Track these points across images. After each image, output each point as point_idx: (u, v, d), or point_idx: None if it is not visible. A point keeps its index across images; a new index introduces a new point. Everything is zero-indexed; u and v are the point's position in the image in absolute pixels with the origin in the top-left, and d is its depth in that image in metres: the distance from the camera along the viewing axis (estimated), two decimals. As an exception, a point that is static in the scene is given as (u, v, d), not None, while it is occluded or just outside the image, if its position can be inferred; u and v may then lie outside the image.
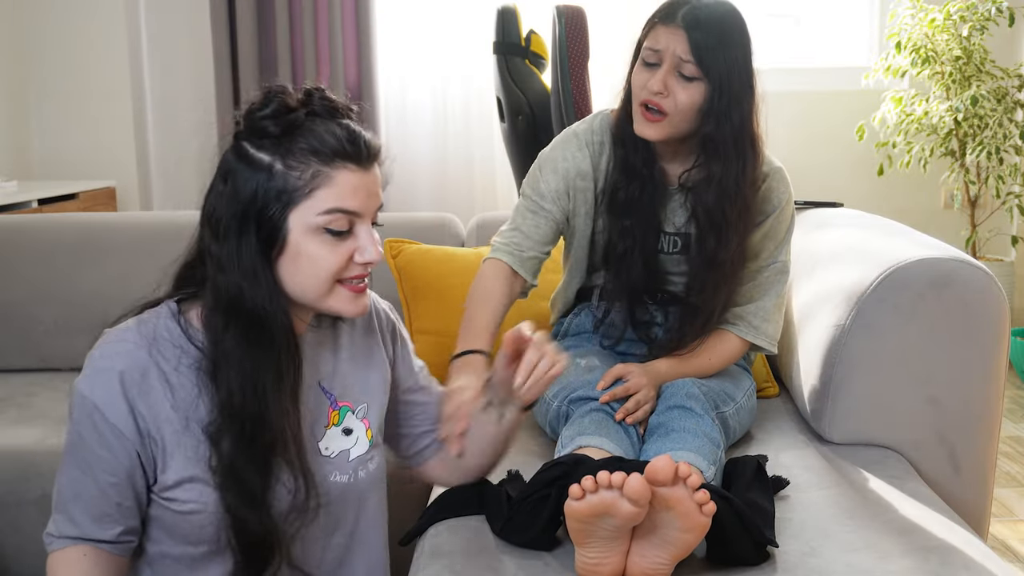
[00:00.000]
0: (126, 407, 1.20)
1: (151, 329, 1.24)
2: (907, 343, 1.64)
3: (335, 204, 1.19)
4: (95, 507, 1.22)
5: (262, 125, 1.20)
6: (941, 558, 1.27)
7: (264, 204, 1.18)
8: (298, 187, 1.18)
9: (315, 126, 1.20)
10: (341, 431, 1.33)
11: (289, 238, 1.19)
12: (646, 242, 1.70)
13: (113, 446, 1.20)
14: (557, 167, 1.75)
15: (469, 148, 3.98)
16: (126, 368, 1.20)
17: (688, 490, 1.18)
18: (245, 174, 1.19)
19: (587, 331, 1.83)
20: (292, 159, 1.18)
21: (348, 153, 1.20)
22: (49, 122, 3.90)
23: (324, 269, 1.21)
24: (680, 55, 1.57)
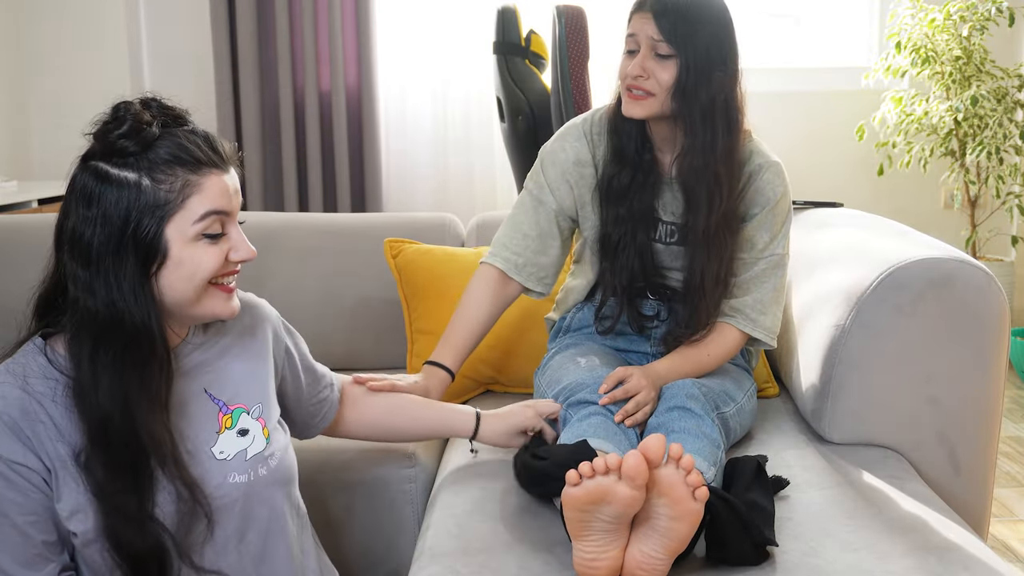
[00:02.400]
0: (19, 443, 1.20)
1: (20, 367, 1.24)
2: (907, 343, 1.64)
3: (209, 208, 1.22)
4: (22, 552, 1.21)
5: (120, 145, 1.20)
6: (941, 558, 1.27)
7: (138, 222, 1.19)
8: (170, 199, 1.20)
9: (171, 137, 1.22)
10: (236, 433, 1.33)
11: (170, 251, 1.21)
12: (640, 229, 1.73)
13: (20, 485, 1.20)
14: (556, 158, 1.80)
15: (469, 148, 3.98)
16: (3, 408, 1.20)
17: (681, 472, 1.19)
18: (112, 195, 1.19)
19: (588, 326, 1.84)
20: (159, 173, 1.20)
21: (211, 159, 1.23)
22: (49, 122, 3.90)
23: (203, 274, 1.24)
24: (652, 36, 1.64)
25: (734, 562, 1.28)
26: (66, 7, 3.82)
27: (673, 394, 1.56)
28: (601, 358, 1.72)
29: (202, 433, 1.31)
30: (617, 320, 1.78)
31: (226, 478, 1.30)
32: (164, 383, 1.25)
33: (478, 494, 1.50)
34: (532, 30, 3.16)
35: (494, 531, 1.38)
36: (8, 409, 1.20)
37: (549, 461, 1.40)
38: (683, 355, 1.70)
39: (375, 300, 2.27)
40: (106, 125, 1.22)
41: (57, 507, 1.22)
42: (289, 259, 2.30)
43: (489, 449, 1.68)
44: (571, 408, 1.58)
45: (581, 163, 1.78)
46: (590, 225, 1.81)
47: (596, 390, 1.57)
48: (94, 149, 1.23)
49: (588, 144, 1.79)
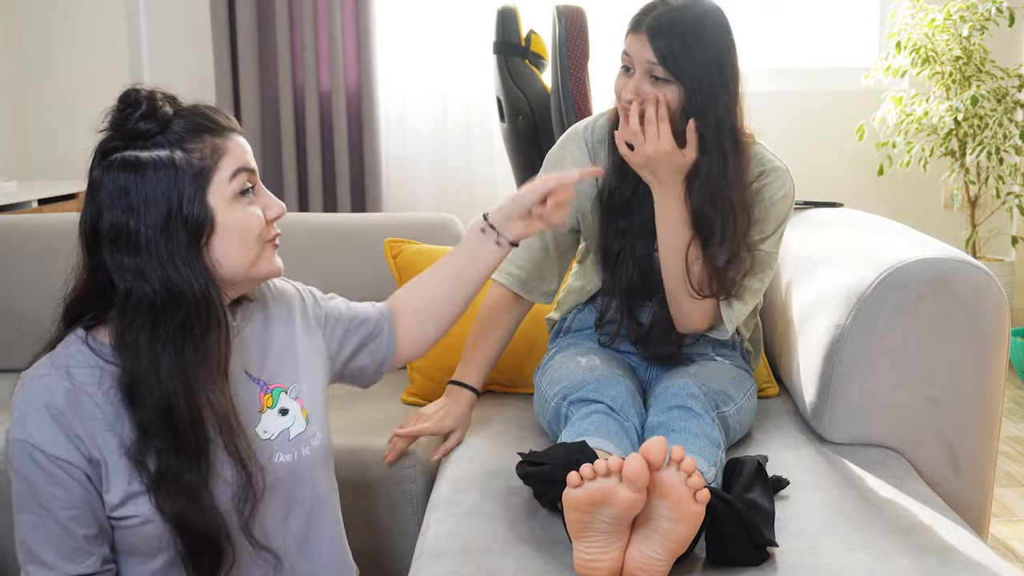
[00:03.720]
0: (63, 437, 1.20)
1: (64, 359, 1.24)
2: (907, 343, 1.64)
3: (238, 165, 1.25)
4: (63, 546, 1.22)
5: (141, 127, 1.22)
6: (941, 558, 1.27)
7: (181, 195, 1.21)
8: (205, 165, 1.23)
9: (181, 113, 1.24)
10: (277, 412, 1.35)
11: (216, 218, 1.23)
12: (639, 242, 1.72)
13: (62, 480, 1.21)
14: (555, 169, 1.79)
15: (469, 148, 3.98)
16: (50, 400, 1.21)
17: (682, 475, 1.19)
18: (149, 177, 1.20)
19: (588, 327, 1.84)
20: (187, 143, 1.22)
21: (224, 125, 1.27)
22: (49, 122, 3.90)
23: (254, 231, 1.26)
24: (648, 59, 1.58)
25: (734, 562, 1.28)
26: (66, 7, 3.83)
27: (674, 393, 1.56)
28: (601, 357, 1.72)
29: (246, 413, 1.31)
30: (619, 330, 1.77)
31: (271, 458, 1.31)
32: (225, 352, 1.26)
33: (478, 494, 1.50)
34: (532, 30, 3.16)
35: (494, 531, 1.38)
36: (55, 401, 1.21)
37: (549, 464, 1.40)
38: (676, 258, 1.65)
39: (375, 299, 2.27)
40: (121, 113, 1.22)
41: (106, 497, 1.23)
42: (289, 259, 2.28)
43: (489, 450, 1.68)
44: (572, 407, 1.58)
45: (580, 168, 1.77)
46: (592, 233, 1.81)
47: (597, 389, 1.57)
48: (112, 141, 1.23)
49: (588, 152, 1.77)
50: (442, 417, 1.72)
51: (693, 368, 1.71)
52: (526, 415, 1.87)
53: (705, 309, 1.68)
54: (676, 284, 1.66)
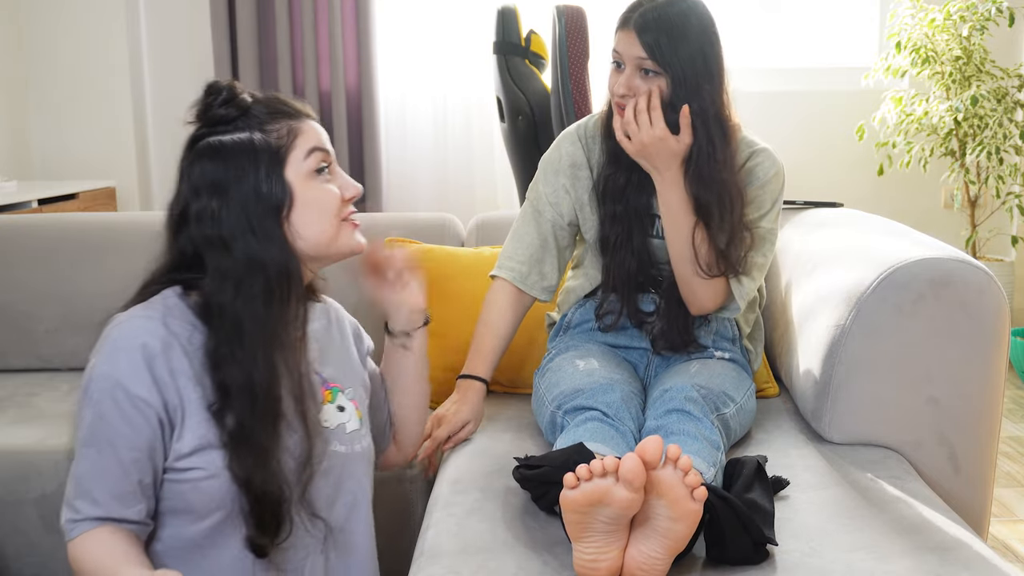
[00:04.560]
0: (149, 378, 1.24)
1: (161, 308, 1.29)
2: (907, 343, 1.64)
3: (312, 145, 1.33)
4: (118, 486, 1.24)
5: (223, 113, 1.32)
6: (941, 558, 1.27)
7: (260, 172, 1.29)
8: (281, 144, 1.31)
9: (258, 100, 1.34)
10: (336, 408, 1.41)
11: (294, 192, 1.31)
12: (636, 227, 1.76)
13: (135, 420, 1.24)
14: (552, 166, 1.85)
15: (469, 148, 3.98)
16: (148, 341, 1.25)
17: (679, 473, 1.19)
18: (232, 157, 1.29)
19: (589, 320, 1.84)
20: (266, 125, 1.32)
21: (300, 110, 1.36)
22: (49, 122, 3.90)
23: (331, 206, 1.34)
24: (637, 54, 1.65)
25: (734, 561, 1.28)
26: (66, 7, 3.83)
27: (671, 396, 1.56)
28: (600, 360, 1.72)
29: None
30: (619, 317, 1.79)
31: (328, 445, 1.37)
32: (303, 321, 1.34)
33: (478, 494, 1.50)
34: (532, 30, 3.16)
35: (494, 531, 1.38)
36: (150, 343, 1.25)
37: (547, 466, 1.40)
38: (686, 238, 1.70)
39: (375, 300, 2.27)
40: (205, 101, 1.33)
41: (176, 445, 1.26)
42: (289, 259, 2.30)
43: (489, 450, 1.68)
44: (568, 415, 1.58)
45: (576, 165, 1.83)
46: (590, 226, 1.83)
47: (592, 396, 1.57)
48: (199, 130, 1.33)
49: (583, 148, 1.83)
50: (456, 411, 1.74)
51: (693, 368, 1.71)
52: (526, 415, 1.87)
53: (716, 289, 1.73)
54: (686, 268, 1.71)
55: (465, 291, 2.08)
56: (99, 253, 2.37)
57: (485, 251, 2.18)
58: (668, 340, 1.78)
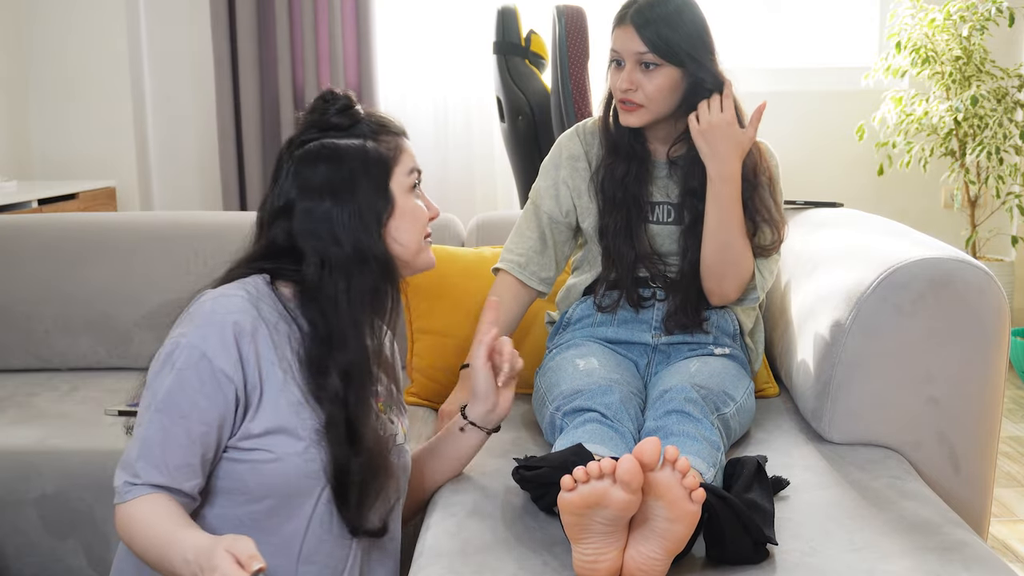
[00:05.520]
0: (236, 354, 1.28)
1: (254, 290, 1.34)
2: (907, 343, 1.64)
3: (412, 164, 1.43)
4: (182, 457, 1.26)
5: (337, 121, 1.40)
6: (941, 558, 1.27)
7: (371, 175, 1.37)
8: (390, 156, 1.40)
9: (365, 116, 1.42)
10: (388, 419, 1.45)
11: (396, 201, 1.39)
12: (635, 214, 1.80)
13: (214, 394, 1.27)
14: (550, 162, 1.90)
15: (469, 148, 3.98)
16: (240, 319, 1.29)
17: (677, 475, 1.19)
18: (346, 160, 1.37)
19: (590, 315, 1.85)
20: (378, 136, 1.40)
21: (400, 130, 1.45)
22: (49, 122, 3.90)
23: (422, 220, 1.43)
24: (636, 49, 1.72)
25: (734, 561, 1.28)
26: (66, 7, 3.82)
27: (671, 397, 1.56)
28: (600, 359, 1.72)
29: None
30: (618, 301, 1.82)
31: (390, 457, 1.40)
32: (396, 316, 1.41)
33: (478, 494, 1.50)
34: (532, 30, 3.16)
35: (494, 531, 1.38)
36: (242, 321, 1.29)
37: (546, 467, 1.40)
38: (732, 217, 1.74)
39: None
40: (322, 106, 1.41)
41: (248, 425, 1.30)
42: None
43: (489, 450, 1.68)
44: (567, 416, 1.58)
45: (575, 157, 1.87)
46: (588, 215, 1.86)
47: (591, 398, 1.58)
48: (308, 133, 1.40)
49: (581, 142, 1.87)
50: (460, 401, 1.73)
51: (693, 367, 1.71)
52: (526, 415, 1.87)
53: (744, 278, 1.78)
54: (723, 257, 1.75)
55: (465, 291, 2.08)
56: (99, 253, 2.37)
57: (485, 251, 2.18)
58: (677, 321, 1.80)
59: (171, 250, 2.37)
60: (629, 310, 1.82)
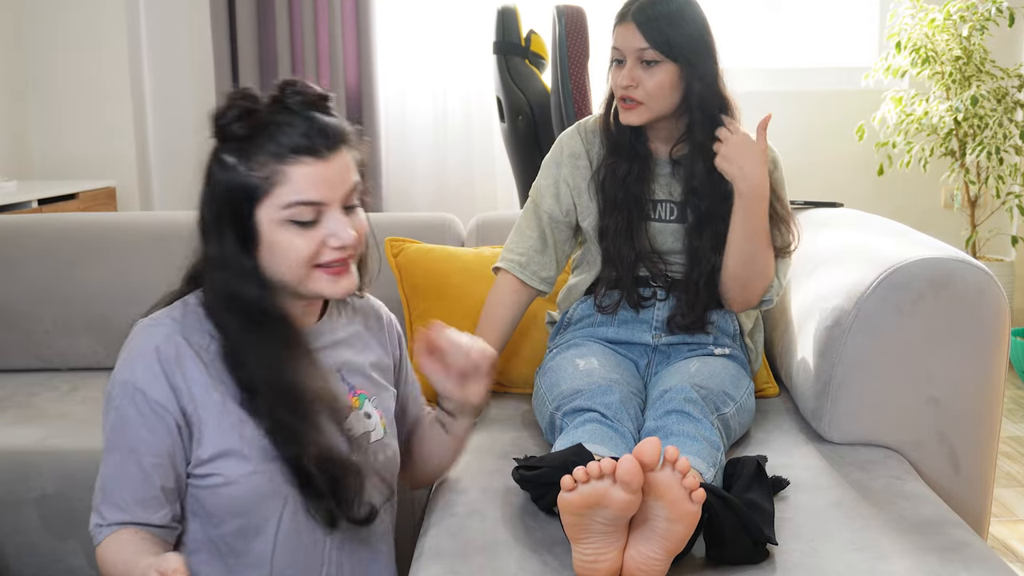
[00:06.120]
0: (166, 383, 1.26)
1: (181, 315, 1.32)
2: (907, 343, 1.64)
3: (295, 198, 1.25)
4: (141, 491, 1.26)
5: (228, 129, 1.27)
6: (941, 558, 1.27)
7: (234, 202, 1.26)
8: (258, 185, 1.25)
9: (276, 123, 1.26)
10: (363, 414, 1.40)
11: (261, 231, 1.27)
12: (636, 214, 1.80)
13: (156, 426, 1.26)
14: (551, 160, 1.90)
15: (469, 148, 3.98)
16: (161, 345, 1.28)
17: (677, 475, 1.19)
18: (219, 176, 1.27)
19: (591, 315, 1.85)
20: (252, 160, 1.25)
21: (303, 147, 1.25)
22: (49, 122, 3.90)
23: (297, 256, 1.27)
24: (638, 46, 1.73)
25: (734, 560, 1.28)
26: (66, 7, 3.82)
27: (671, 398, 1.56)
28: (600, 359, 1.72)
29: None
30: (618, 303, 1.81)
31: (351, 454, 1.35)
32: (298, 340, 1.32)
33: (478, 494, 1.50)
34: (532, 30, 3.16)
35: (494, 531, 1.38)
36: (164, 349, 1.27)
37: (546, 467, 1.40)
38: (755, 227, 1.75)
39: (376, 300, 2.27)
40: (219, 111, 1.28)
41: (196, 452, 1.28)
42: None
43: (489, 450, 1.68)
44: (567, 416, 1.58)
45: (576, 155, 1.87)
46: (588, 214, 1.86)
47: (591, 398, 1.58)
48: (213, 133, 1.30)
49: (582, 141, 1.87)
50: None
51: (693, 367, 1.71)
52: (526, 415, 1.87)
53: (767, 284, 1.79)
54: (750, 268, 1.76)
55: (465, 291, 2.08)
56: (99, 253, 2.37)
57: (485, 251, 2.18)
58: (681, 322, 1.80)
59: (171, 250, 2.33)
60: (629, 310, 1.82)
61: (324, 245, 1.28)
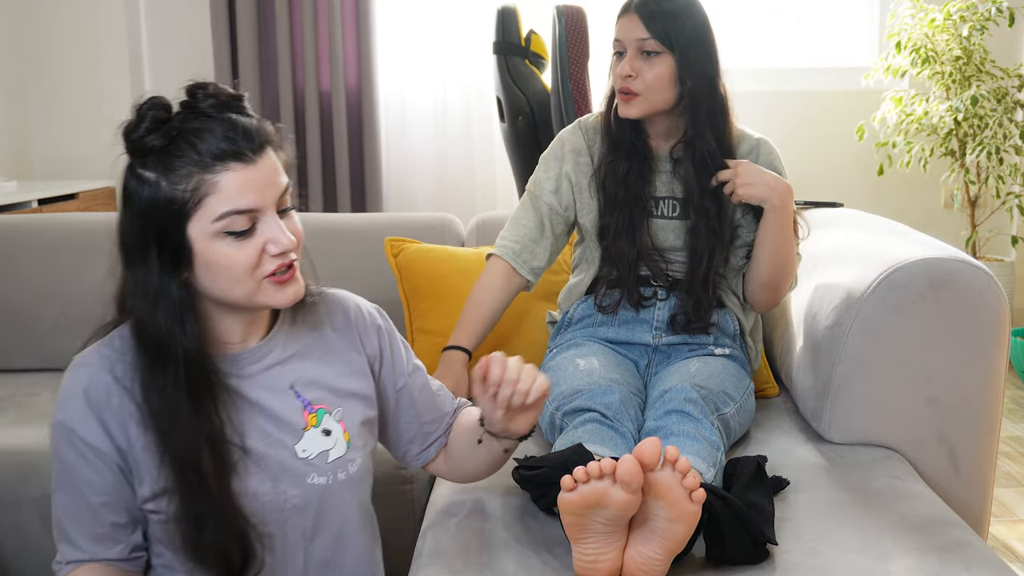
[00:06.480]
0: (98, 424, 1.22)
1: (109, 348, 1.25)
2: (907, 343, 1.64)
3: (227, 208, 1.16)
4: (94, 529, 1.24)
5: (143, 143, 1.18)
6: (941, 558, 1.27)
7: (160, 221, 1.17)
8: (186, 199, 1.16)
9: (194, 130, 1.17)
10: (320, 432, 1.31)
11: (195, 249, 1.18)
12: (637, 212, 1.80)
13: (96, 466, 1.22)
14: (553, 153, 1.91)
15: (469, 148, 3.98)
16: (89, 386, 1.22)
17: (677, 475, 1.19)
18: (139, 193, 1.18)
19: (591, 315, 1.85)
20: (174, 174, 1.16)
21: (227, 153, 1.17)
22: (49, 122, 3.90)
23: (238, 270, 1.19)
24: (639, 36, 1.74)
25: (734, 560, 1.28)
26: (66, 7, 3.82)
27: (671, 398, 1.56)
28: (601, 359, 1.72)
29: (287, 430, 1.29)
30: (618, 303, 1.81)
31: (306, 478, 1.29)
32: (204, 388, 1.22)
33: (478, 494, 1.50)
34: (532, 30, 3.16)
35: (494, 531, 1.38)
36: (93, 390, 1.22)
37: (546, 467, 1.40)
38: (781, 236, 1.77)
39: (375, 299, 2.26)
40: (130, 125, 1.20)
41: (139, 489, 1.24)
42: (289, 259, 2.30)
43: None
44: (566, 417, 1.58)
45: (578, 151, 1.87)
46: (588, 211, 1.86)
47: (591, 398, 1.58)
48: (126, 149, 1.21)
49: (584, 137, 1.88)
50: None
51: (693, 367, 1.71)
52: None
53: (790, 284, 1.82)
54: (781, 273, 1.79)
55: (465, 291, 2.07)
56: (99, 253, 2.34)
57: (485, 251, 2.18)
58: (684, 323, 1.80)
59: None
60: (630, 310, 1.82)
61: (264, 253, 1.20)
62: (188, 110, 1.19)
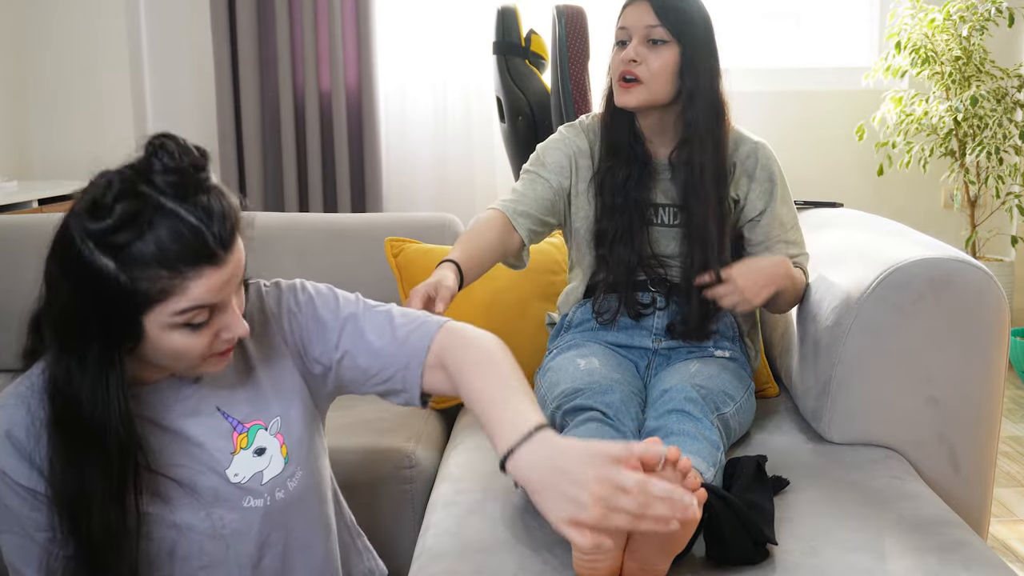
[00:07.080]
0: (27, 466, 1.19)
1: (27, 389, 1.22)
2: (907, 343, 1.64)
3: (191, 304, 1.11)
4: (44, 564, 1.21)
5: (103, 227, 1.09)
6: (941, 558, 1.27)
7: (110, 310, 1.10)
8: (149, 296, 1.09)
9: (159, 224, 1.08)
10: (252, 453, 1.27)
11: (147, 334, 1.13)
12: (637, 219, 1.78)
13: (36, 505, 1.20)
14: (559, 145, 1.85)
15: (469, 148, 3.98)
16: (11, 429, 1.19)
17: (678, 475, 1.19)
18: (89, 278, 1.09)
19: (590, 319, 1.85)
20: (137, 271, 1.08)
21: (199, 257, 1.10)
22: (49, 122, 3.90)
23: (190, 355, 1.16)
24: (648, 23, 1.72)
25: (734, 560, 1.28)
26: (66, 7, 3.83)
27: (671, 397, 1.56)
28: (601, 359, 1.72)
29: (216, 455, 1.25)
30: (616, 313, 1.80)
31: (241, 502, 1.26)
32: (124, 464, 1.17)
33: (478, 494, 1.50)
34: (532, 30, 3.16)
35: (494, 531, 1.38)
36: (14, 432, 1.19)
37: None
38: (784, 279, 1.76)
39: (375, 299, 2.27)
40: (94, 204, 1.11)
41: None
42: (289, 259, 2.30)
43: (489, 450, 1.68)
44: (567, 415, 1.58)
45: (581, 152, 1.84)
46: (583, 216, 1.84)
47: (591, 397, 1.57)
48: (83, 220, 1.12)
49: (586, 137, 1.85)
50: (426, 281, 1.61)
51: (693, 367, 1.71)
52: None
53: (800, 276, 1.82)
54: (794, 299, 1.82)
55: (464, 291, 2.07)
56: (99, 253, 2.37)
57: (485, 251, 2.18)
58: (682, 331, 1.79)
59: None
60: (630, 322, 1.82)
61: (217, 338, 1.17)
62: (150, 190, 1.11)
